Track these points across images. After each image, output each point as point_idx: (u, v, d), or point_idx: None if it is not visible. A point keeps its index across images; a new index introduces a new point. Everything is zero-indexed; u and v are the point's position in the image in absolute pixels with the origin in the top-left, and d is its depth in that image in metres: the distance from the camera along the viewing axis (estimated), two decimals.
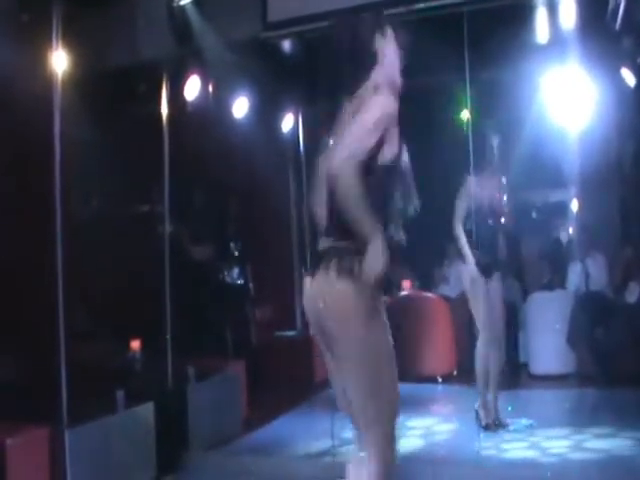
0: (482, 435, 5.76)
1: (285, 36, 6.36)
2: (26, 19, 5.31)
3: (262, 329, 8.43)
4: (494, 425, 5.99)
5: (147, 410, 5.22)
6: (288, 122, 8.78)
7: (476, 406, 6.07)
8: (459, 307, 7.36)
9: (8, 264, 5.11)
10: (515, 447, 5.50)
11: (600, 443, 5.43)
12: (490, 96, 6.89)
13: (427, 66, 7.27)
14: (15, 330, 4.99)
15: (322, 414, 6.87)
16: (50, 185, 4.64)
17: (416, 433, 6.07)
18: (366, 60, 3.00)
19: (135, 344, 5.74)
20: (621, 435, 5.58)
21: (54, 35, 4.79)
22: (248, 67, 6.50)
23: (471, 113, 6.60)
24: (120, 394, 5.02)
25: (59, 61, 4.81)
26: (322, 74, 3.05)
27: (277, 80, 7.12)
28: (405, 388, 7.51)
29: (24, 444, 4.15)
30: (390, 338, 2.94)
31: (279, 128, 8.72)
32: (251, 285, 8.85)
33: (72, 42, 5.00)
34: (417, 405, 6.90)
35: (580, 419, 6.21)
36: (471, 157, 6.14)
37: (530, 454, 5.33)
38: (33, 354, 4.92)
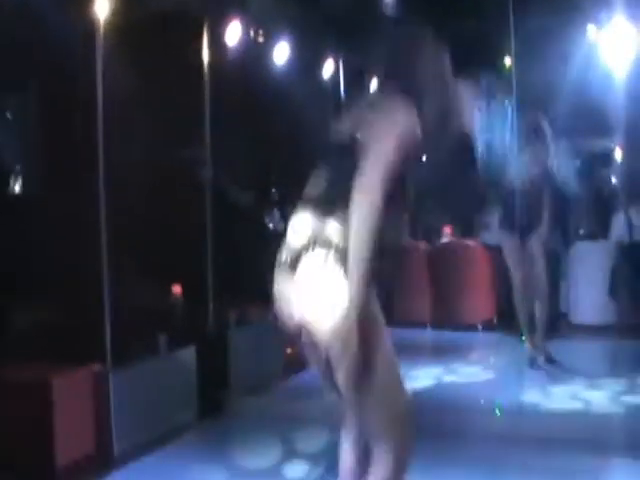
0: (523, 383, 5.82)
1: None
2: None
3: None
4: (545, 362, 6.25)
5: (189, 354, 5.32)
6: (329, 68, 8.72)
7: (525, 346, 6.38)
8: (499, 254, 7.32)
9: (54, 209, 5.20)
10: (555, 397, 5.52)
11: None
12: (535, 43, 6.75)
13: (471, 11, 7.17)
14: (61, 273, 5.08)
15: None
16: (92, 132, 4.68)
17: (457, 380, 6.12)
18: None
19: (177, 289, 5.82)
20: None
21: None
22: (288, 11, 6.44)
23: (515, 60, 6.49)
24: (163, 338, 5.12)
25: (101, 6, 4.80)
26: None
27: (317, 25, 7.05)
28: (446, 335, 7.60)
29: (69, 384, 4.26)
30: None
31: (320, 74, 8.66)
32: None
33: None
34: (457, 353, 6.96)
35: (619, 370, 6.23)
36: (514, 102, 6.07)
37: (570, 404, 5.35)
38: (79, 297, 5.00)
